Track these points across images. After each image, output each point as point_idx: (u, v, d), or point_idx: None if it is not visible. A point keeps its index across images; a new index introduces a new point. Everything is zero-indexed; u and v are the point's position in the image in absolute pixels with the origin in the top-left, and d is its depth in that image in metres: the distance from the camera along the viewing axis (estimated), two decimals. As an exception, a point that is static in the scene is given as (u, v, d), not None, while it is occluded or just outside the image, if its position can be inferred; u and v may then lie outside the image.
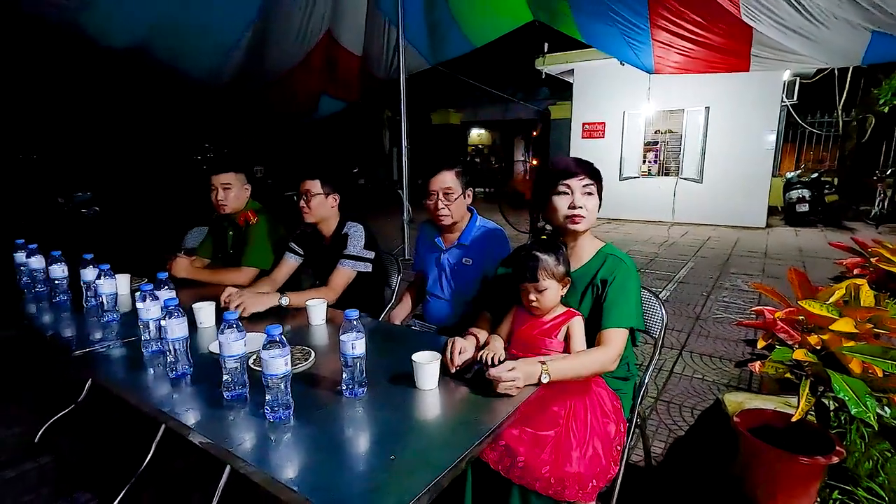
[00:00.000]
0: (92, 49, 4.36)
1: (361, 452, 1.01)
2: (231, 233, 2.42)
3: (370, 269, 2.10)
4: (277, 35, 5.38)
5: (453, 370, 1.28)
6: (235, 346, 1.11)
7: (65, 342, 1.61)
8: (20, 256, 2.06)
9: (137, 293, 1.42)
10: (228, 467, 1.65)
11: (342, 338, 1.14)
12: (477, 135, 17.81)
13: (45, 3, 3.72)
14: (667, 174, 9.46)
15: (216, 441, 1.02)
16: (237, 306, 1.70)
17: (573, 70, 9.98)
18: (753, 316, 1.89)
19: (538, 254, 1.40)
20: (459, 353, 1.31)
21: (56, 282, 1.91)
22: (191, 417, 1.12)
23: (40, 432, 2.24)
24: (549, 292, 1.40)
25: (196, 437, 1.06)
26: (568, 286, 1.45)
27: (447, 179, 1.87)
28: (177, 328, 1.25)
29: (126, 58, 4.71)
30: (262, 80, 6.11)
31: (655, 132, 9.47)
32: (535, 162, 14.72)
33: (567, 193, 1.46)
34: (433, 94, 13.66)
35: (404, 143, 5.36)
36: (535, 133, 15.36)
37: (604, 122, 9.90)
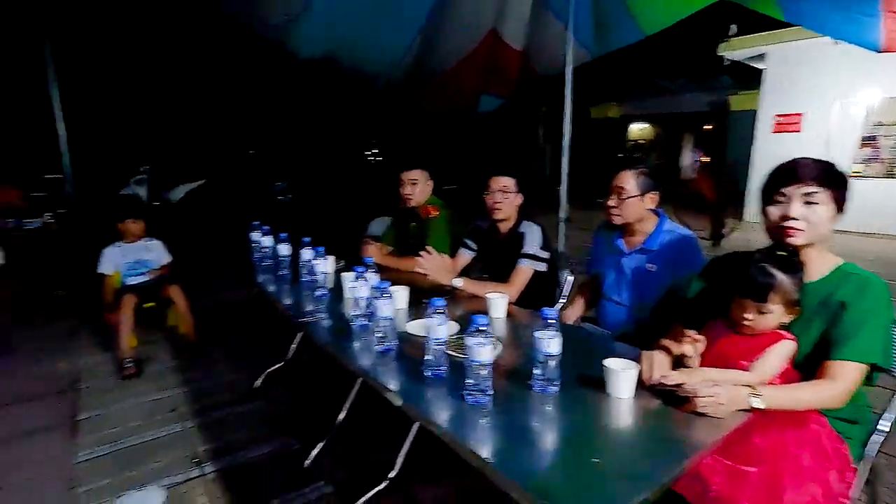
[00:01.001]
0: (291, 60, 5.11)
1: (559, 449, 1.03)
2: (413, 224, 2.65)
3: (545, 269, 2.12)
4: (445, 35, 5.66)
5: (649, 384, 1.22)
6: (440, 329, 1.22)
7: (285, 309, 1.94)
8: (256, 235, 2.52)
9: (351, 274, 1.65)
10: (415, 427, 1.83)
11: (537, 335, 1.16)
12: (638, 129, 16.60)
13: (258, 22, 4.45)
14: (890, 175, 7.66)
15: (419, 411, 1.14)
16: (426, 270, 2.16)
17: (764, 54, 8.63)
18: None
19: (776, 272, 1.22)
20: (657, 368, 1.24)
21: (280, 258, 2.29)
22: (394, 386, 1.26)
23: (259, 380, 2.75)
24: (772, 317, 1.23)
25: (398, 402, 1.20)
26: (794, 317, 1.27)
27: (624, 179, 1.81)
28: (385, 308, 1.41)
29: (317, 67, 5.43)
30: (427, 80, 6.51)
31: (876, 124, 7.72)
32: (706, 159, 13.14)
33: (782, 202, 1.28)
34: (594, 88, 13.09)
35: (566, 139, 5.24)
36: (709, 127, 13.71)
37: (800, 114, 8.39)
